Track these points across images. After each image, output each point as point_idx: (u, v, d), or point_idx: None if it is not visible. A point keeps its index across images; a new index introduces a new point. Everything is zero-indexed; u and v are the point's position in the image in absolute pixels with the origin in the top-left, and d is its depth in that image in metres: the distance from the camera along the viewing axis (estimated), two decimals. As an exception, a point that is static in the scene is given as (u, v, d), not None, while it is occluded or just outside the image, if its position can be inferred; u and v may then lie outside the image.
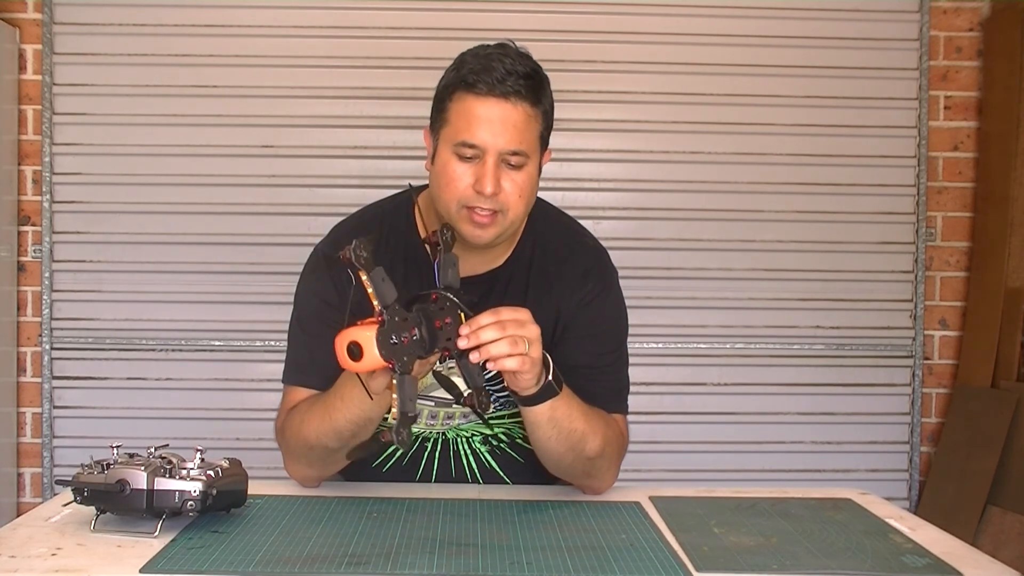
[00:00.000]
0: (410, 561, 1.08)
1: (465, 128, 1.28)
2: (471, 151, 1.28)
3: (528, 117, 1.29)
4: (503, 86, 1.26)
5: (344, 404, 1.28)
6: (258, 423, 2.81)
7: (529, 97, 1.29)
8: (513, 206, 1.31)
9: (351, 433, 1.29)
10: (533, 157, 1.32)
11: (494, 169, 1.28)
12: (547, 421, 1.29)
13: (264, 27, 2.94)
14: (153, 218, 2.94)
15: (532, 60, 1.32)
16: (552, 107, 1.35)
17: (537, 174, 1.35)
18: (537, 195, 1.50)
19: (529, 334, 1.20)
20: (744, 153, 3.01)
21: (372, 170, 2.95)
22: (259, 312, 2.92)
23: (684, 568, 1.08)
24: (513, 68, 1.27)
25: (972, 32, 3.08)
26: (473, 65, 1.28)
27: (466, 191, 1.29)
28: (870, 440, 3.07)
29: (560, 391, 1.27)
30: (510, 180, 1.29)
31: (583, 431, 1.31)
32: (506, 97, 1.27)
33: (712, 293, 3.02)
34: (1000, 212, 2.95)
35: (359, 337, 1.08)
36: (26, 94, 2.96)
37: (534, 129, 1.31)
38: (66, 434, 2.97)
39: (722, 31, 2.99)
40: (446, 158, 1.30)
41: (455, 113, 1.29)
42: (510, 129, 1.27)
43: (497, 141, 1.27)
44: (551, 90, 1.35)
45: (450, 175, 1.30)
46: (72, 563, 1.05)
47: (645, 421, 2.96)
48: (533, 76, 1.30)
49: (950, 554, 1.16)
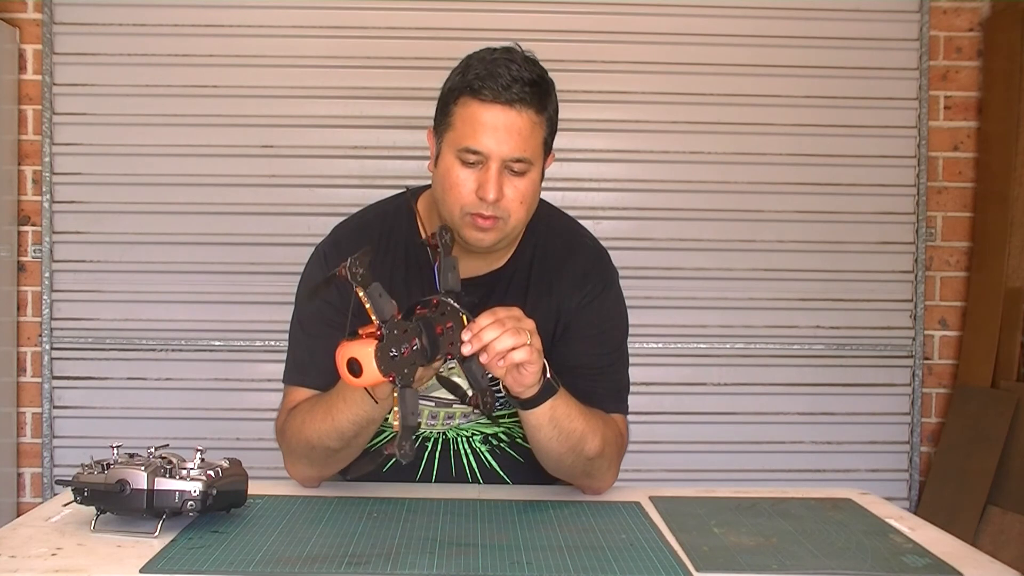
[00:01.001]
0: (410, 561, 1.08)
1: (470, 134, 1.27)
2: (475, 157, 1.28)
3: (533, 124, 1.29)
4: (508, 93, 1.26)
5: (347, 406, 1.27)
6: (258, 423, 2.82)
7: (534, 104, 1.28)
8: (514, 212, 1.31)
9: (353, 433, 1.29)
10: (536, 164, 1.32)
11: (497, 176, 1.27)
12: (548, 422, 1.28)
13: (264, 27, 2.94)
14: (153, 218, 2.94)
15: (538, 65, 1.32)
16: (557, 111, 1.35)
17: (540, 180, 1.34)
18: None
19: (527, 326, 1.20)
20: (744, 153, 3.01)
21: (372, 170, 2.95)
22: (259, 312, 2.92)
23: (684, 568, 1.08)
24: (519, 75, 1.27)
25: (972, 32, 3.08)
26: (479, 70, 1.28)
27: (469, 197, 1.29)
28: (870, 440, 3.07)
29: (559, 388, 1.27)
30: (512, 187, 1.29)
31: (582, 431, 1.31)
32: (511, 104, 1.26)
33: (712, 293, 3.02)
34: (1000, 212, 2.95)
35: (358, 354, 1.06)
36: (26, 94, 2.96)
37: (538, 136, 1.30)
38: (66, 434, 2.97)
39: (722, 31, 2.99)
40: (449, 163, 1.30)
41: (460, 118, 1.29)
42: (514, 136, 1.27)
43: (501, 148, 1.27)
44: (556, 94, 1.34)
45: (453, 180, 1.30)
46: (72, 563, 1.05)
47: (645, 421, 2.96)
48: (539, 82, 1.29)
49: (950, 554, 1.16)
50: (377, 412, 1.27)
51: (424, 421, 1.45)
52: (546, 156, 1.36)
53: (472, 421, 1.46)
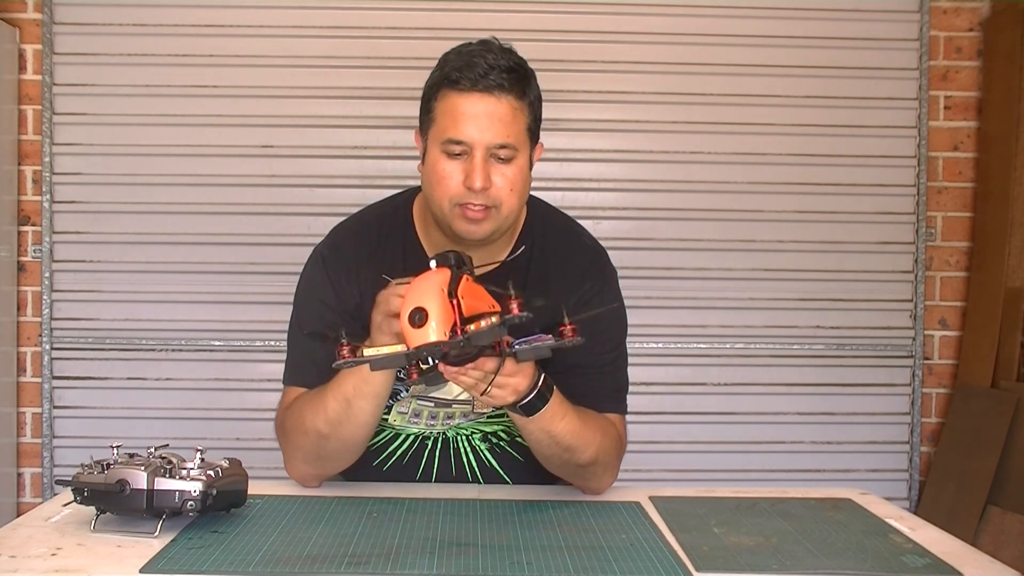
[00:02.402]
0: (410, 561, 1.08)
1: (451, 125, 1.28)
2: (459, 147, 1.28)
3: (513, 110, 1.29)
4: (486, 80, 1.26)
5: (340, 378, 1.28)
6: (258, 423, 2.82)
7: (513, 90, 1.28)
8: (505, 200, 1.30)
9: (337, 415, 1.30)
10: (522, 150, 1.31)
11: (483, 164, 1.28)
12: (537, 430, 1.29)
13: (264, 27, 2.94)
14: (153, 218, 2.94)
15: (516, 55, 1.32)
16: (539, 100, 1.35)
17: (528, 167, 1.34)
18: (536, 195, 1.51)
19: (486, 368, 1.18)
20: (744, 153, 3.01)
21: (372, 170, 2.95)
22: (259, 312, 2.92)
23: (684, 568, 1.08)
24: (496, 63, 1.27)
25: (972, 32, 3.08)
26: (456, 63, 1.29)
27: (457, 188, 1.29)
28: (870, 440, 3.07)
29: (545, 406, 1.26)
30: (500, 174, 1.29)
31: (571, 444, 1.31)
32: (490, 91, 1.27)
33: (712, 293, 3.02)
34: (1000, 212, 2.95)
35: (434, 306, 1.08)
36: (26, 94, 2.96)
37: (520, 122, 1.30)
38: (66, 434, 2.97)
39: (722, 31, 2.99)
40: (435, 157, 1.31)
41: (440, 111, 1.30)
42: (496, 123, 1.27)
43: (484, 136, 1.27)
44: (538, 84, 1.34)
45: (440, 174, 1.30)
46: (72, 563, 1.05)
47: (645, 421, 2.96)
48: (516, 69, 1.29)
49: (950, 554, 1.16)
50: (367, 387, 1.27)
51: (424, 422, 1.45)
52: (533, 145, 1.35)
53: (472, 420, 1.46)
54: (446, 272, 1.14)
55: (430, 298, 1.10)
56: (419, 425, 1.46)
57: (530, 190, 1.39)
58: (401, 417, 1.45)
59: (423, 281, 1.13)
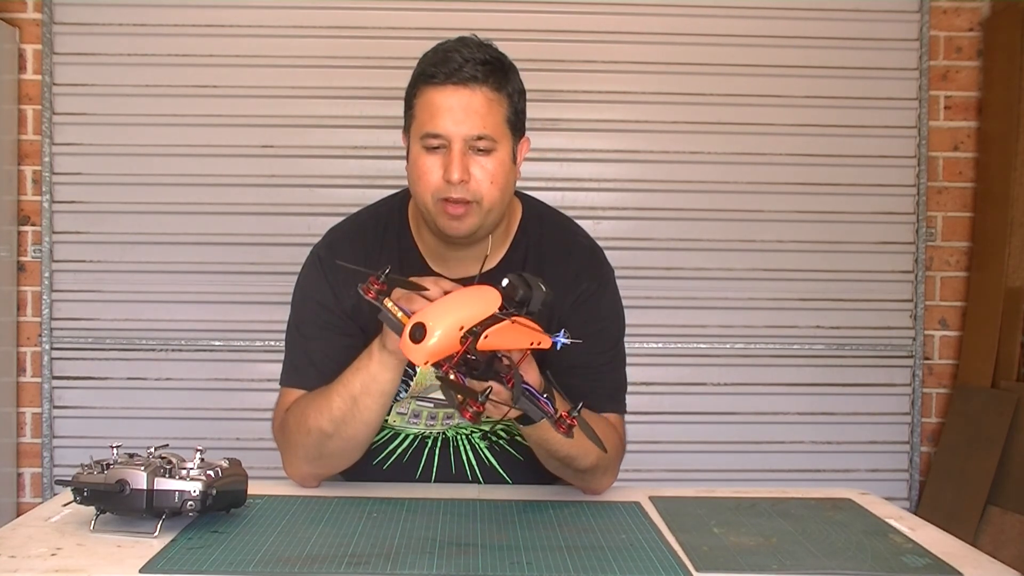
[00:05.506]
0: (410, 561, 1.08)
1: (428, 119, 1.28)
2: (436, 141, 1.28)
3: (489, 101, 1.29)
4: (461, 73, 1.27)
5: (346, 376, 1.29)
6: (258, 423, 2.81)
7: (489, 82, 1.28)
8: (487, 193, 1.30)
9: (341, 412, 1.29)
10: (502, 142, 1.31)
11: (460, 157, 1.27)
12: (536, 439, 1.30)
13: (264, 27, 2.94)
14: (153, 218, 2.94)
15: (494, 49, 1.32)
16: (520, 94, 1.34)
17: (510, 160, 1.33)
18: (535, 195, 1.51)
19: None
20: (744, 153, 3.01)
21: (372, 170, 2.95)
22: (259, 312, 2.92)
23: (684, 568, 1.08)
24: (471, 56, 1.28)
25: (972, 32, 3.08)
26: (432, 58, 1.30)
27: (437, 183, 1.29)
28: (870, 440, 3.07)
29: (538, 422, 1.24)
30: (479, 166, 1.29)
31: (568, 454, 1.31)
32: (464, 83, 1.27)
33: (712, 293, 3.02)
34: (1000, 212, 2.95)
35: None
36: (26, 94, 2.96)
37: (498, 113, 1.30)
38: (66, 434, 2.97)
39: (722, 31, 3.00)
40: (416, 153, 1.31)
41: (419, 107, 1.30)
42: (472, 115, 1.27)
43: (460, 128, 1.27)
44: (519, 79, 1.34)
45: (420, 169, 1.30)
46: (72, 563, 1.05)
47: (645, 421, 2.96)
48: (493, 62, 1.30)
49: (950, 554, 1.15)
50: (374, 384, 1.27)
51: (424, 422, 1.45)
52: (517, 139, 1.35)
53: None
54: (497, 298, 1.11)
55: (444, 322, 1.08)
56: (419, 425, 1.46)
57: (515, 185, 1.38)
58: (401, 418, 1.45)
59: (458, 298, 1.12)
